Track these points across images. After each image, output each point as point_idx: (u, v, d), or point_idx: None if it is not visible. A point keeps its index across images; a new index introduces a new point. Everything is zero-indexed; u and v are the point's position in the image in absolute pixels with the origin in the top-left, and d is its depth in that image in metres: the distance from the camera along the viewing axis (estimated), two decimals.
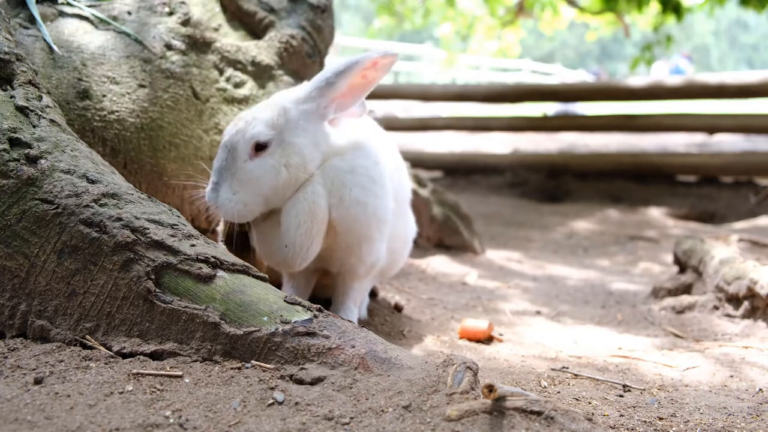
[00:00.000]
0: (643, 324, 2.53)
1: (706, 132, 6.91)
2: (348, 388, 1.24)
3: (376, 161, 1.89)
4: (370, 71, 1.78)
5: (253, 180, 1.71)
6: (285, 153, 1.74)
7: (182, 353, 1.35)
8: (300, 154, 1.75)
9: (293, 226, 1.74)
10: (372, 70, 1.78)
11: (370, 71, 1.78)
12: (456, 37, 18.22)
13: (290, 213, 1.75)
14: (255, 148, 1.71)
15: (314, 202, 1.75)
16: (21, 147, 1.49)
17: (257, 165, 1.72)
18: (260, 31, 2.66)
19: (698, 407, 1.60)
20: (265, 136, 1.72)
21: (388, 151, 2.05)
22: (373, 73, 1.79)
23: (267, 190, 1.73)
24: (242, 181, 1.71)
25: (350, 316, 1.98)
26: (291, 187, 1.76)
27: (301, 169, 1.75)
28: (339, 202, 1.80)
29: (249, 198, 1.72)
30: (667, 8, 8.92)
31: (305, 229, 1.74)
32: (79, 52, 2.16)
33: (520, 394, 1.13)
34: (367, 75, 1.78)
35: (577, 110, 11.04)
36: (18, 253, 1.41)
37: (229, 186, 1.71)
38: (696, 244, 2.90)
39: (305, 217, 1.74)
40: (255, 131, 1.71)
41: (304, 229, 1.74)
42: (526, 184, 6.59)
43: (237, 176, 1.71)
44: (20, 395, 1.18)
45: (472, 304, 2.68)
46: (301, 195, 1.76)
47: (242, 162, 1.71)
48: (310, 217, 1.75)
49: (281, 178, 1.73)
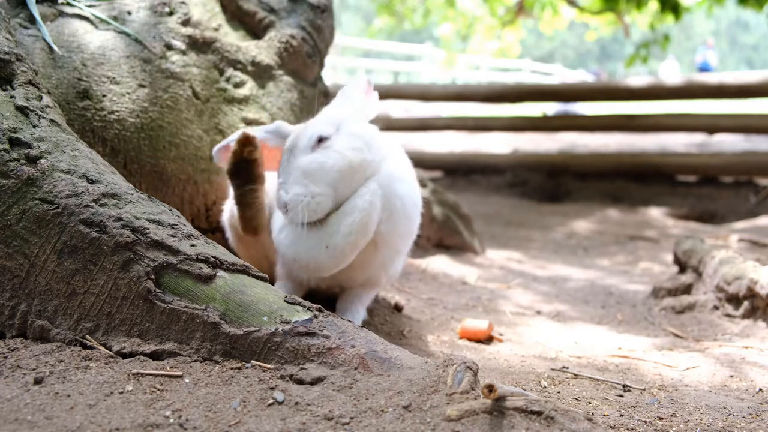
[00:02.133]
0: (643, 324, 2.53)
1: (706, 132, 6.91)
2: (348, 388, 1.24)
3: (412, 167, 1.95)
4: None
5: (319, 168, 1.70)
6: (346, 139, 1.77)
7: (182, 353, 1.35)
8: (361, 137, 1.78)
9: (344, 232, 1.71)
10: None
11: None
12: (456, 37, 18.22)
13: (344, 217, 1.72)
14: (318, 141, 1.74)
15: (369, 215, 1.74)
16: (21, 147, 1.49)
17: (321, 153, 1.73)
18: (260, 31, 2.66)
19: (698, 407, 1.60)
20: (325, 131, 1.76)
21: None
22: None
23: (335, 176, 1.71)
24: (308, 172, 1.70)
25: (359, 321, 1.96)
26: (358, 173, 1.75)
27: (365, 152, 1.76)
28: (389, 216, 1.80)
29: (318, 188, 1.69)
30: (665, 8, 8.92)
31: (353, 239, 1.72)
32: (79, 52, 2.16)
33: (520, 394, 1.13)
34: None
35: (577, 110, 11.04)
36: (18, 253, 1.41)
37: (296, 180, 1.70)
38: (696, 244, 2.90)
39: (358, 227, 1.72)
40: (315, 128, 1.77)
41: (353, 238, 1.72)
42: (526, 184, 6.59)
43: (302, 168, 1.71)
44: (20, 395, 1.18)
45: (472, 304, 2.68)
46: (359, 202, 1.73)
47: (303, 156, 1.73)
48: (363, 229, 1.73)
49: (346, 161, 1.73)
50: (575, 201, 6.21)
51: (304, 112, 2.69)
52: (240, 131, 1.84)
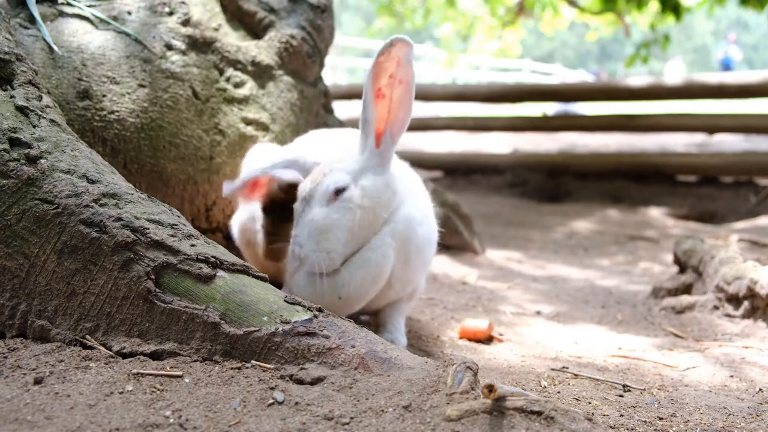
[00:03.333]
0: (643, 324, 2.53)
1: (706, 132, 6.91)
2: (348, 388, 1.24)
3: (429, 200, 1.94)
4: (390, 70, 1.69)
5: (333, 225, 1.70)
6: (364, 193, 1.73)
7: (182, 353, 1.35)
8: (372, 197, 1.74)
9: (356, 285, 1.72)
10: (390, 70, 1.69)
11: (390, 70, 1.69)
12: (456, 37, 18.22)
13: (357, 270, 1.73)
14: (335, 194, 1.71)
15: (382, 268, 1.74)
16: (21, 147, 1.48)
17: (336, 208, 1.71)
18: (260, 31, 2.66)
19: (698, 407, 1.60)
20: (342, 182, 1.72)
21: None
22: (395, 69, 1.69)
23: (345, 234, 1.71)
24: (321, 228, 1.69)
25: (400, 337, 1.96)
26: (365, 229, 1.74)
27: (375, 212, 1.75)
28: (405, 262, 1.80)
29: (330, 245, 1.69)
30: (666, 8, 8.92)
31: (365, 291, 1.74)
32: (79, 52, 2.17)
33: (520, 394, 1.13)
34: (393, 76, 1.70)
35: (577, 110, 11.04)
36: (18, 253, 1.41)
37: (311, 236, 1.69)
38: (696, 244, 2.90)
39: (370, 281, 1.73)
40: (334, 178, 1.72)
41: (364, 291, 1.74)
42: (526, 184, 6.59)
43: (316, 223, 1.70)
44: (20, 395, 1.18)
45: (472, 304, 2.68)
46: (372, 256, 1.73)
47: (319, 208, 1.71)
48: (375, 280, 1.74)
49: (356, 219, 1.72)
50: (575, 201, 6.21)
51: (304, 112, 2.69)
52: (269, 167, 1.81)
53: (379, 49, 1.66)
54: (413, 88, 1.73)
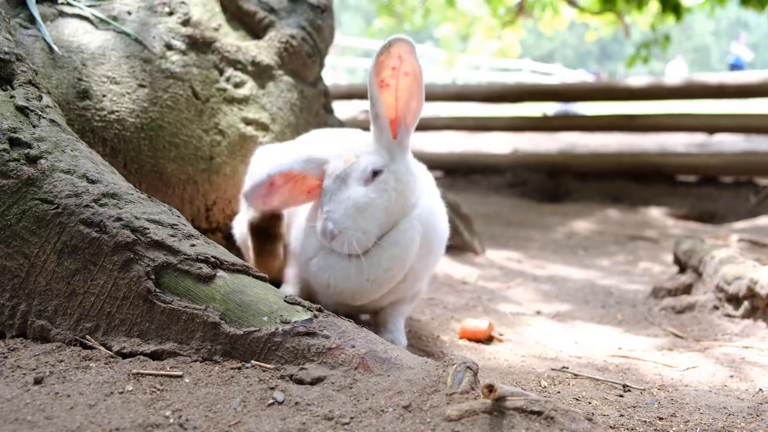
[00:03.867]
0: (643, 324, 2.53)
1: (706, 132, 6.92)
2: (348, 388, 1.24)
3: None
4: (392, 64, 1.69)
5: (370, 204, 1.70)
6: (397, 176, 1.75)
7: (182, 353, 1.35)
8: (402, 181, 1.76)
9: (385, 266, 1.73)
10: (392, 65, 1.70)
11: (392, 64, 1.69)
12: (456, 37, 18.21)
13: (386, 251, 1.73)
14: (372, 174, 1.72)
15: (409, 250, 1.76)
16: (21, 147, 1.49)
17: (373, 188, 1.71)
18: (260, 31, 2.66)
19: (698, 407, 1.60)
20: (380, 164, 1.73)
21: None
22: (397, 63, 1.70)
23: (382, 214, 1.72)
24: (360, 207, 1.69)
25: (400, 337, 1.96)
26: (397, 213, 1.75)
27: (406, 195, 1.77)
28: (427, 253, 1.82)
29: (367, 224, 1.69)
30: (666, 8, 8.91)
31: (393, 274, 1.75)
32: (79, 52, 2.16)
33: (520, 394, 1.13)
34: (397, 69, 1.71)
35: (577, 110, 11.04)
36: (18, 253, 1.41)
37: (348, 213, 1.68)
38: (696, 244, 2.90)
39: (399, 262, 1.75)
40: (370, 160, 1.73)
41: (392, 273, 1.75)
42: (526, 184, 6.59)
43: (355, 201, 1.69)
44: (20, 395, 1.18)
45: (472, 304, 2.68)
46: (401, 237, 1.75)
47: (356, 187, 1.71)
48: (402, 264, 1.76)
49: (392, 201, 1.73)
50: (575, 201, 6.21)
51: (304, 112, 2.69)
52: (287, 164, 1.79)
53: (379, 50, 1.67)
54: (422, 79, 1.73)
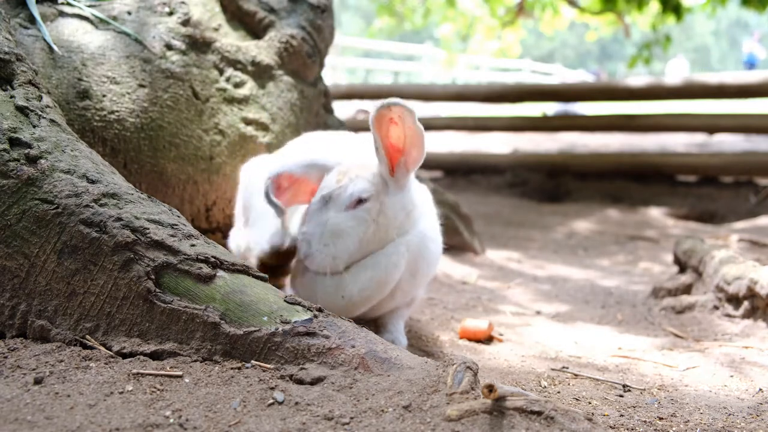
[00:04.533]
0: (643, 324, 2.53)
1: (706, 132, 6.91)
2: (348, 388, 1.24)
3: (436, 215, 1.97)
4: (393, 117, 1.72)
5: (345, 230, 1.71)
6: (378, 210, 1.75)
7: (182, 353, 1.35)
8: (387, 214, 1.76)
9: (360, 287, 1.74)
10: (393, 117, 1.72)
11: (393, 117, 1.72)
12: (456, 37, 18.21)
13: (363, 271, 1.74)
14: (357, 202, 1.73)
15: (390, 274, 1.76)
16: (21, 147, 1.49)
17: (352, 215, 1.72)
18: (260, 31, 2.66)
19: (698, 407, 1.60)
20: (367, 192, 1.73)
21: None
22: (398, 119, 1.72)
23: (355, 244, 1.73)
24: (333, 233, 1.71)
25: (400, 337, 1.97)
26: (374, 244, 1.76)
27: (387, 229, 1.77)
28: (413, 275, 1.83)
29: (338, 251, 1.71)
30: (666, 8, 8.91)
31: (368, 294, 1.76)
32: (79, 52, 2.17)
33: (520, 394, 1.13)
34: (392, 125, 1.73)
35: (577, 110, 11.04)
36: (18, 253, 1.41)
37: (322, 238, 1.71)
38: (696, 244, 2.90)
39: (375, 285, 1.75)
40: (358, 187, 1.73)
41: (368, 294, 1.75)
42: (526, 184, 6.59)
43: (331, 227, 1.71)
44: (20, 395, 1.18)
45: (472, 304, 2.68)
46: (383, 260, 1.76)
47: (336, 212, 1.72)
48: (379, 287, 1.76)
49: (369, 233, 1.74)
50: (575, 201, 6.21)
51: (304, 112, 2.69)
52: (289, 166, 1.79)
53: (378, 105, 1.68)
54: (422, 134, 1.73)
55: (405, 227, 1.81)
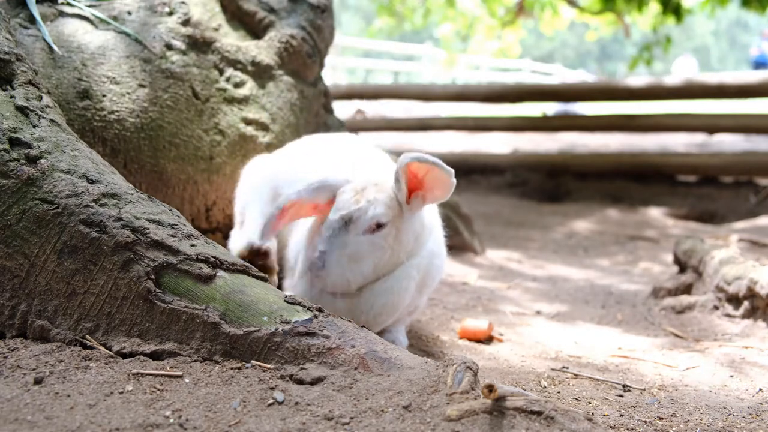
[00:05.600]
0: (643, 324, 2.53)
1: (706, 132, 6.91)
2: (348, 388, 1.24)
3: (442, 231, 1.99)
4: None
5: (363, 255, 1.72)
6: (394, 235, 1.76)
7: (182, 353, 1.35)
8: (401, 240, 1.78)
9: (376, 312, 1.76)
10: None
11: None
12: (456, 37, 18.21)
13: (378, 297, 1.76)
14: (375, 226, 1.73)
15: (402, 298, 1.79)
16: (21, 147, 1.49)
17: (370, 240, 1.72)
18: (260, 31, 2.66)
19: (698, 407, 1.60)
20: (386, 217, 1.74)
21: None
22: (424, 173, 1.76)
23: (370, 268, 1.74)
24: (352, 256, 1.71)
25: (401, 338, 1.98)
26: (386, 268, 1.78)
27: (400, 253, 1.78)
28: (418, 292, 1.86)
29: (353, 275, 1.72)
30: (667, 9, 8.90)
31: (383, 319, 1.79)
32: (79, 52, 2.17)
33: (520, 394, 1.13)
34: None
35: (577, 110, 11.04)
36: (18, 253, 1.42)
37: (339, 260, 1.70)
38: (696, 244, 2.90)
39: (388, 309, 1.77)
40: (378, 212, 1.73)
41: (383, 318, 1.78)
42: (526, 184, 6.59)
43: (348, 249, 1.71)
44: (20, 395, 1.18)
45: (472, 304, 2.68)
46: (395, 286, 1.77)
47: (355, 235, 1.72)
48: (392, 310, 1.79)
49: (384, 258, 1.75)
50: (575, 201, 6.21)
51: (304, 112, 2.69)
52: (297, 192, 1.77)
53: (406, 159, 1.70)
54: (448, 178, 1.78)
55: (415, 250, 1.83)
